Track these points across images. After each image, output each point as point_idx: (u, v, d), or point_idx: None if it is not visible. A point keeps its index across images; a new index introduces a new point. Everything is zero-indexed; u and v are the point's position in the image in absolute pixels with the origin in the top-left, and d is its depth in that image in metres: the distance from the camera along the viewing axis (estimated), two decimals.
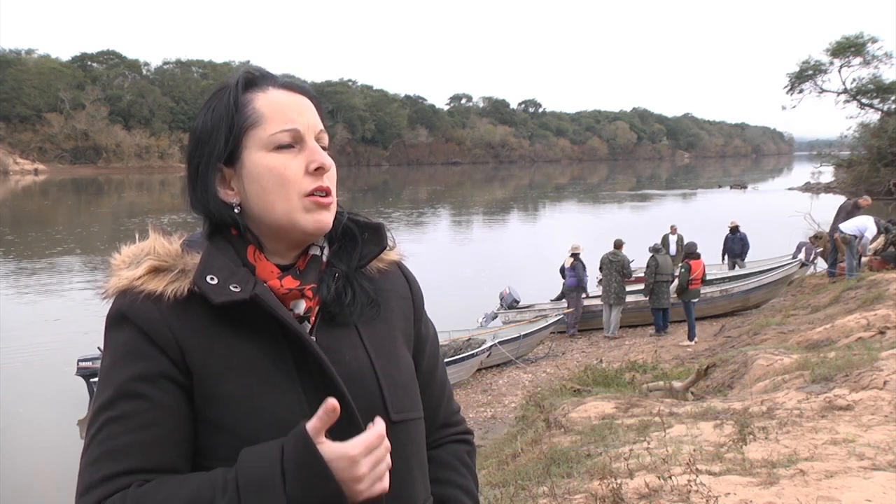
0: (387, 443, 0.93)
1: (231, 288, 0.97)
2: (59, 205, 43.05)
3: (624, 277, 13.07)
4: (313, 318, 1.04)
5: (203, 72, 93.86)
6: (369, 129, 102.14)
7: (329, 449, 0.89)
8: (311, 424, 0.89)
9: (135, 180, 65.32)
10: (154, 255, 1.01)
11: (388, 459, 0.94)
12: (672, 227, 16.85)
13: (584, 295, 13.61)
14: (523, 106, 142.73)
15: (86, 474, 0.93)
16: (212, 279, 0.97)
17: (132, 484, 0.92)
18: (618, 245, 13.44)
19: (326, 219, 1.03)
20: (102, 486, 0.91)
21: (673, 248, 15.99)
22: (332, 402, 0.88)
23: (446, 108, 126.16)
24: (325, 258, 1.07)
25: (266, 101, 1.02)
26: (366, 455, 0.90)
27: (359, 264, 1.09)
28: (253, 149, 1.01)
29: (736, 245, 16.40)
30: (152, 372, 0.96)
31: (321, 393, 0.98)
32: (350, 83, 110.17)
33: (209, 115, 1.04)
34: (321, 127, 1.05)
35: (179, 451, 0.96)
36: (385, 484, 0.93)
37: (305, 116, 1.03)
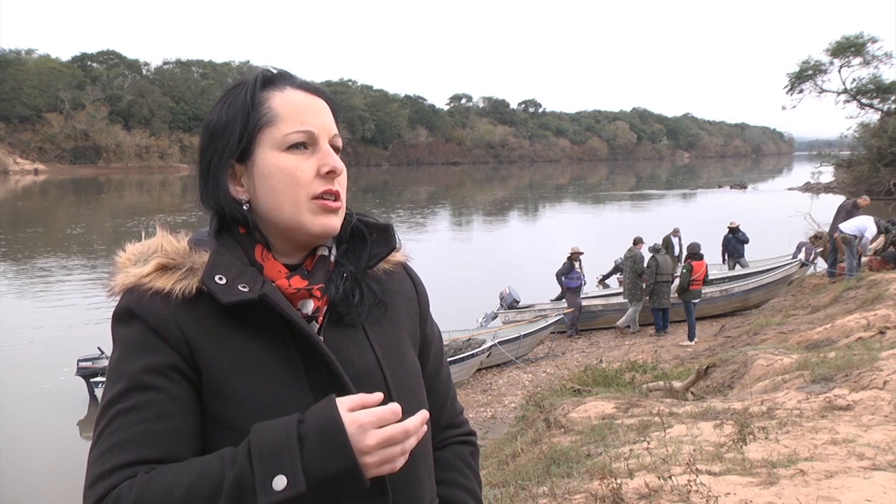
0: (404, 426, 0.88)
1: (239, 288, 0.97)
2: (59, 204, 43.03)
3: (637, 275, 13.05)
4: (321, 318, 1.04)
5: (203, 72, 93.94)
6: (369, 129, 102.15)
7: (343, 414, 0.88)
8: (342, 398, 0.89)
9: (135, 180, 65.29)
10: (162, 252, 1.01)
11: (404, 444, 0.89)
12: (675, 229, 16.79)
13: (555, 298, 14.03)
14: (523, 106, 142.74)
15: (94, 466, 0.91)
16: (220, 279, 0.97)
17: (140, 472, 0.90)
18: (636, 242, 13.63)
19: (334, 223, 1.03)
20: (111, 476, 0.89)
21: (678, 250, 16.01)
22: (378, 395, 0.90)
23: (446, 108, 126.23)
24: (332, 259, 1.07)
25: (282, 101, 1.02)
26: (376, 426, 0.87)
27: (367, 265, 1.09)
28: (266, 147, 1.01)
29: (739, 245, 16.40)
30: (163, 364, 0.95)
31: (329, 392, 0.97)
32: (350, 83, 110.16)
33: (225, 109, 1.03)
34: (335, 130, 1.05)
35: (191, 443, 0.94)
36: (395, 465, 0.89)
37: (321, 119, 1.03)
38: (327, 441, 0.85)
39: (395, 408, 0.88)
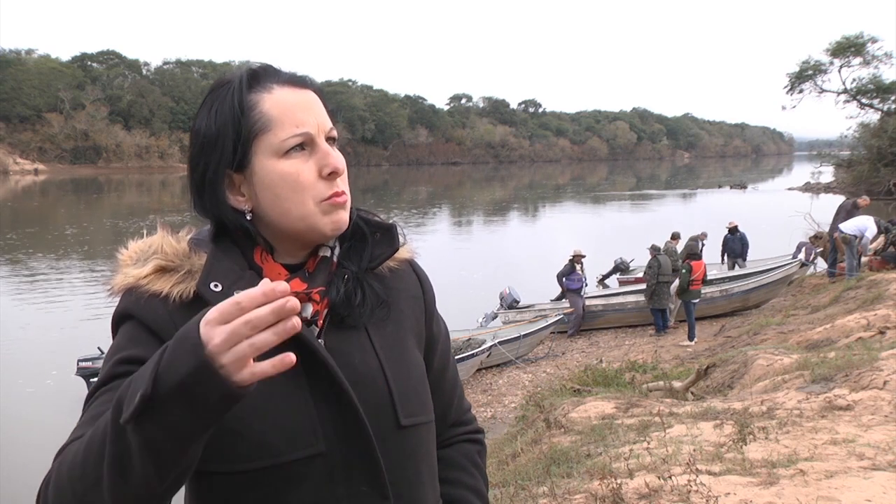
0: (240, 305, 0.75)
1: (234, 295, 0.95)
2: (59, 205, 43.02)
3: (671, 271, 12.94)
4: (321, 321, 1.01)
5: (203, 72, 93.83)
6: (369, 129, 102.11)
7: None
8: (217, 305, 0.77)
9: (135, 180, 65.29)
10: (161, 254, 0.99)
11: (253, 339, 0.75)
12: (703, 233, 16.56)
13: (555, 298, 14.32)
14: (523, 106, 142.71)
15: (67, 441, 0.90)
16: (215, 286, 0.95)
17: None
18: (673, 237, 13.98)
19: (343, 217, 1.00)
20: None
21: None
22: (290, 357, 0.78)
23: (446, 108, 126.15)
24: (335, 259, 1.04)
25: (273, 103, 0.98)
26: (220, 323, 0.75)
27: (369, 265, 1.06)
28: (263, 155, 0.97)
29: (736, 245, 16.40)
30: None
31: (329, 397, 0.96)
32: (350, 83, 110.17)
33: (212, 117, 0.99)
34: (330, 125, 1.01)
35: None
36: (252, 370, 0.76)
37: (315, 116, 1.00)
38: (178, 345, 0.77)
39: (240, 299, 0.76)
